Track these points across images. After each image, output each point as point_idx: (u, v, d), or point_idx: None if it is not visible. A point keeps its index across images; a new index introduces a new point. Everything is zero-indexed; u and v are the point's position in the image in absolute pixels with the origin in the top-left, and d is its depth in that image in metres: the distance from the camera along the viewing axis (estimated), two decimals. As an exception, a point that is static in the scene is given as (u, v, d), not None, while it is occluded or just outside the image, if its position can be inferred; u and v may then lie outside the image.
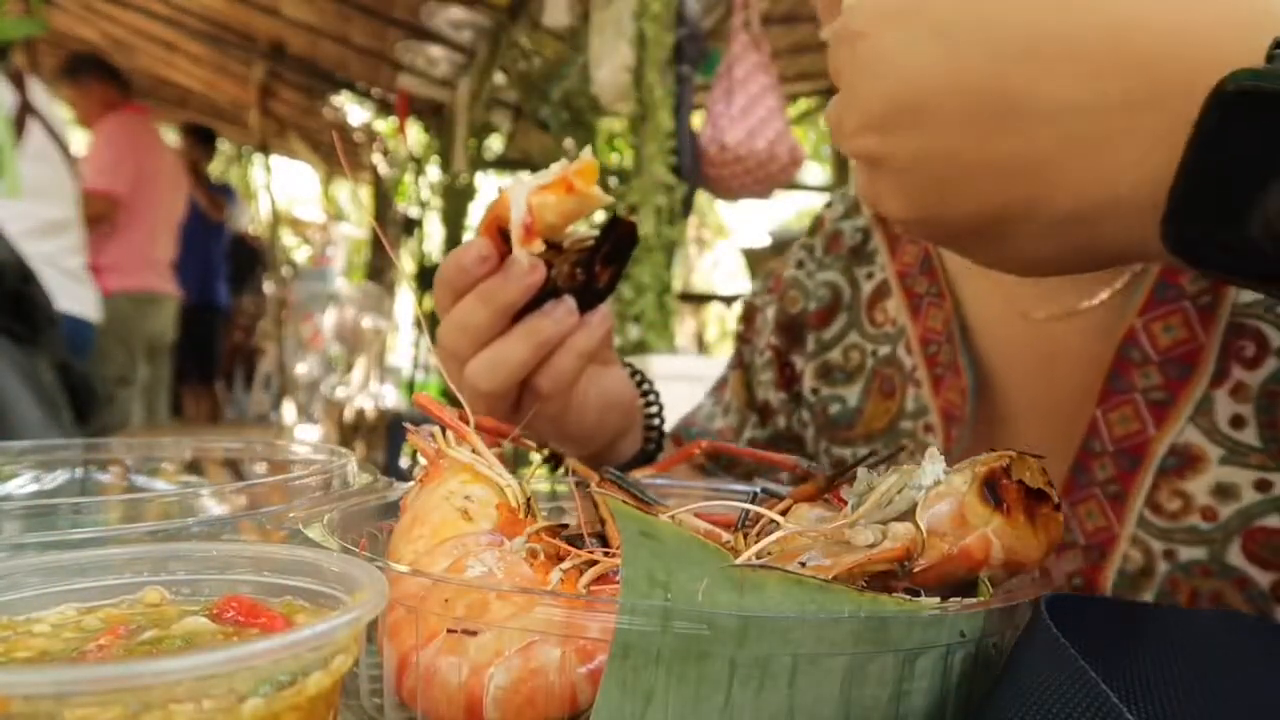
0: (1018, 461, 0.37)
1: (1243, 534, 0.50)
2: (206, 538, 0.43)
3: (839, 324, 0.71)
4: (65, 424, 1.73)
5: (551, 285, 0.53)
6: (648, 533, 0.33)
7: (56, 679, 0.24)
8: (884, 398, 0.67)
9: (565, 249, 0.53)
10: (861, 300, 0.70)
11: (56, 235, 2.38)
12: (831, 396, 0.70)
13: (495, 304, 0.53)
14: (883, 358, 0.68)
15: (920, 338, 0.66)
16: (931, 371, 0.64)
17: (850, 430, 0.69)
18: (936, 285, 0.66)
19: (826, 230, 0.75)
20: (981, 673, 0.36)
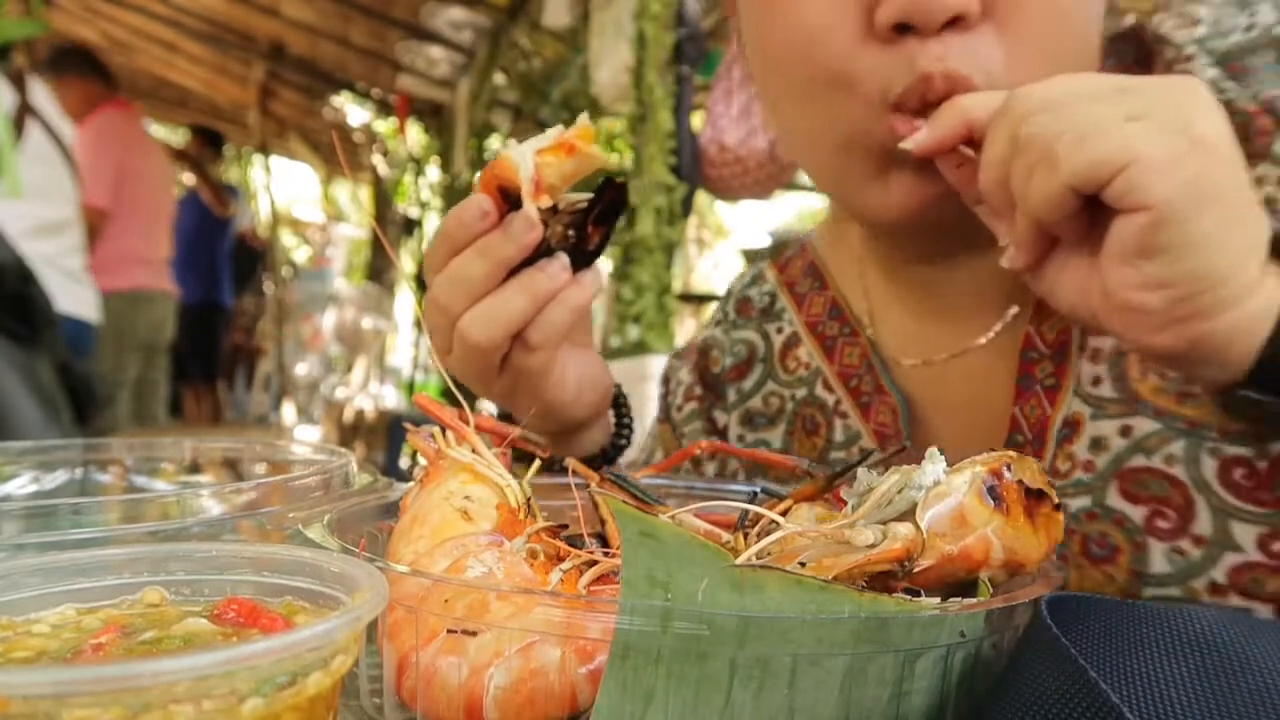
0: (1018, 461, 0.37)
1: (1116, 476, 0.57)
2: (206, 538, 0.43)
3: (756, 375, 0.77)
4: (65, 424, 1.73)
5: (545, 245, 0.55)
6: (648, 533, 0.33)
7: (56, 679, 0.24)
8: (808, 435, 0.72)
9: (560, 210, 0.55)
10: (774, 352, 0.76)
11: (56, 236, 2.38)
12: (756, 441, 0.76)
13: (493, 258, 0.55)
14: (801, 399, 0.73)
15: (839, 374, 0.71)
16: (857, 401, 0.70)
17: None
18: (848, 326, 0.72)
19: (736, 297, 0.82)
20: (981, 673, 0.36)
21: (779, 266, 0.80)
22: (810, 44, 0.55)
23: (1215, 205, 0.42)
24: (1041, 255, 0.48)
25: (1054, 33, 0.53)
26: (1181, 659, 0.33)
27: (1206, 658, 0.33)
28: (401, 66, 5.03)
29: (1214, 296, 0.43)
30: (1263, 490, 0.52)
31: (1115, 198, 0.42)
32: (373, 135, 6.45)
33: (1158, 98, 0.44)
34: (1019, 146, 0.45)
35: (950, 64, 0.51)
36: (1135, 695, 0.32)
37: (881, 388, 0.68)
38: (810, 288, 0.76)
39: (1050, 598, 0.36)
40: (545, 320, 0.56)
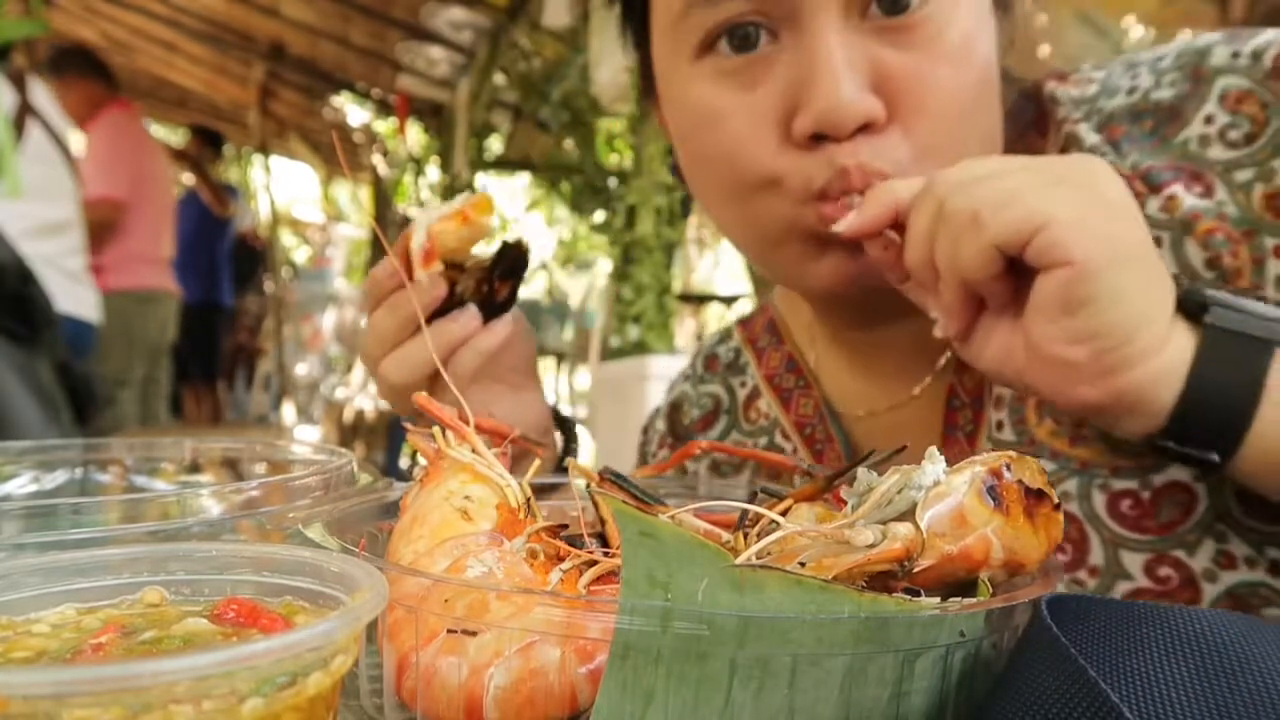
0: (1017, 461, 0.37)
1: None
2: (206, 538, 0.43)
3: (721, 425, 0.82)
4: (65, 424, 1.73)
5: (459, 299, 0.62)
6: (648, 533, 0.33)
7: (56, 679, 0.24)
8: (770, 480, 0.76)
9: (468, 268, 0.62)
10: (738, 404, 0.81)
11: (56, 236, 2.38)
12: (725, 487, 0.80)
13: (400, 313, 0.62)
14: (763, 448, 0.77)
15: (795, 424, 0.76)
16: (811, 448, 0.75)
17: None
18: (803, 379, 0.77)
19: (705, 353, 0.87)
20: (981, 673, 0.36)
21: (743, 325, 0.85)
22: (735, 154, 0.60)
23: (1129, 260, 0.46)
24: (970, 322, 0.52)
25: (956, 128, 0.58)
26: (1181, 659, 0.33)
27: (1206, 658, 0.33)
28: (401, 66, 5.04)
29: (1133, 348, 0.47)
30: (1147, 519, 0.57)
31: (1036, 255, 0.46)
32: (373, 135, 6.45)
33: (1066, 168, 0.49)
34: (944, 218, 0.49)
35: (864, 160, 0.56)
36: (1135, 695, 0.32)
37: (831, 436, 0.74)
38: (769, 343, 0.82)
39: (1050, 598, 0.36)
40: (456, 362, 0.63)
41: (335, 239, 8.20)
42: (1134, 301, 0.46)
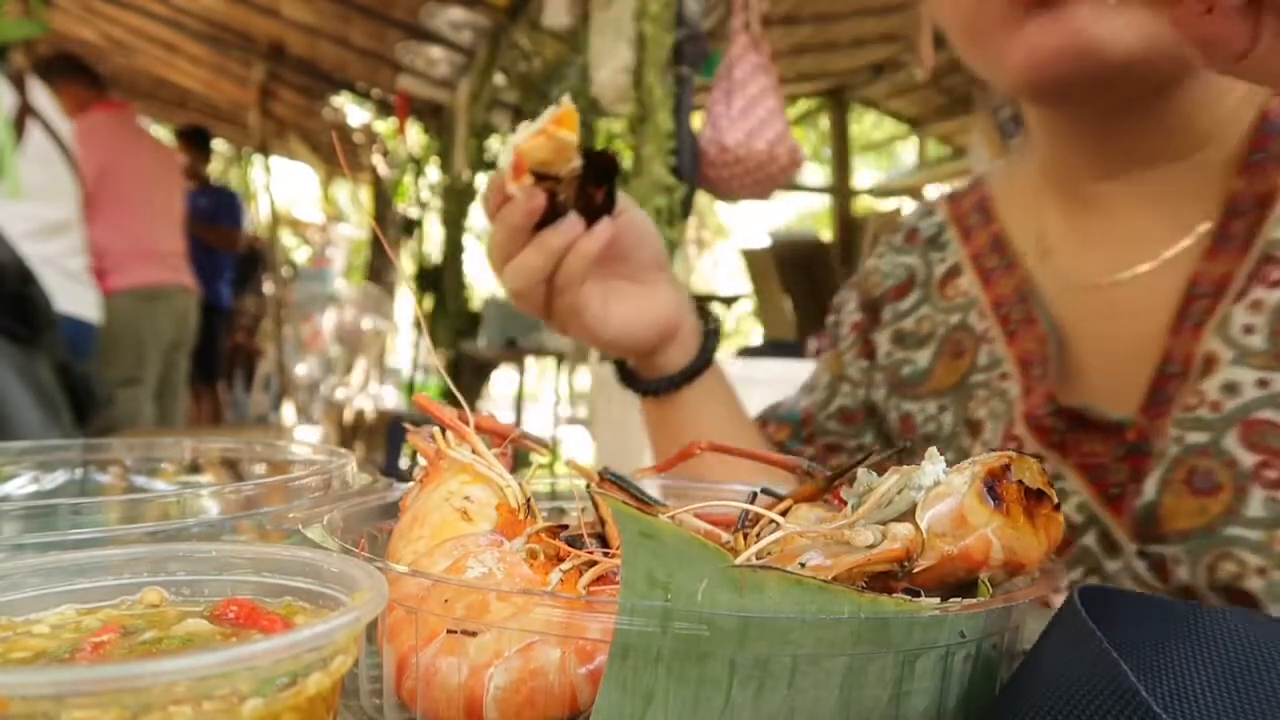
0: (1017, 462, 0.37)
1: (1241, 423, 0.60)
2: (206, 538, 0.43)
3: (913, 298, 0.83)
4: (65, 424, 1.73)
5: (562, 208, 0.66)
6: (647, 533, 0.33)
7: (56, 679, 0.24)
8: (953, 359, 0.78)
9: (564, 178, 0.65)
10: (934, 279, 0.82)
11: (57, 236, 2.38)
12: (904, 359, 0.82)
13: (506, 225, 0.66)
14: (954, 325, 0.78)
15: (992, 303, 0.76)
16: (1005, 329, 0.74)
17: (919, 387, 0.80)
18: (1007, 259, 0.77)
19: (904, 227, 0.87)
20: (981, 673, 0.36)
21: (951, 201, 0.85)
22: None
23: None
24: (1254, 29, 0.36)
25: None
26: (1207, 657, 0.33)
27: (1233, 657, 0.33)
28: (401, 67, 5.03)
29: None
30: None
31: None
32: (373, 135, 6.45)
33: None
34: None
35: None
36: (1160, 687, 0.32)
37: (1031, 317, 0.73)
38: (977, 221, 0.81)
39: (1083, 588, 0.37)
40: (564, 268, 0.67)
41: (335, 239, 8.19)
42: None
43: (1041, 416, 0.69)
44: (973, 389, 0.76)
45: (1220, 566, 0.61)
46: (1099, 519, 0.67)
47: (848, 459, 0.83)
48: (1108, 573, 0.67)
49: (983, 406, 0.75)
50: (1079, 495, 0.68)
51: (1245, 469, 0.59)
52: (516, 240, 0.67)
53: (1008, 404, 0.73)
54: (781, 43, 3.85)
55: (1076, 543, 0.68)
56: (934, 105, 5.16)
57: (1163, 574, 0.63)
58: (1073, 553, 0.68)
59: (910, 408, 0.80)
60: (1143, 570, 0.65)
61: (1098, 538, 0.67)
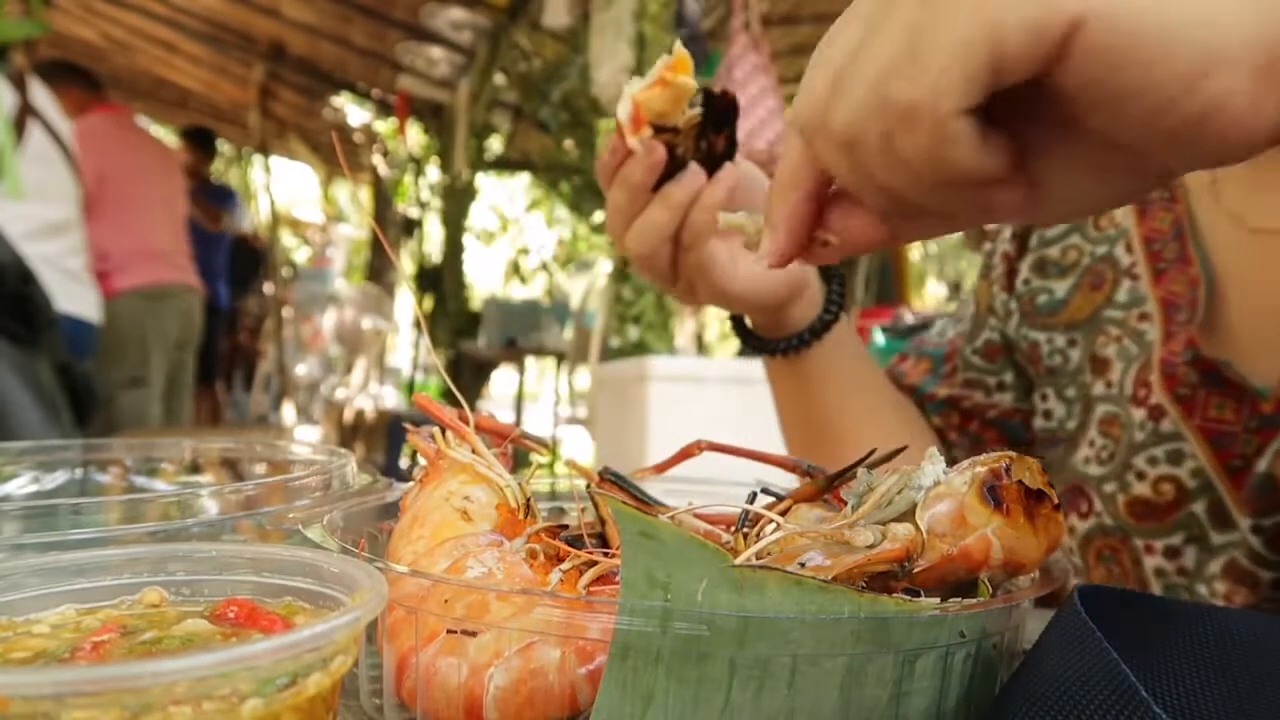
0: (1017, 462, 0.37)
1: None
2: (206, 538, 0.43)
3: (1064, 225, 0.79)
4: (65, 424, 1.73)
5: (681, 161, 0.63)
6: (647, 533, 0.33)
7: (56, 679, 0.24)
8: (1091, 290, 0.75)
9: (682, 129, 0.62)
10: None
11: (57, 236, 2.38)
12: (1041, 288, 0.79)
13: (628, 184, 0.63)
14: (1100, 256, 0.75)
15: (1144, 237, 0.72)
16: (1153, 266, 0.71)
17: (1052, 317, 0.77)
18: (1168, 192, 0.72)
19: None
20: (981, 673, 0.36)
21: None
22: None
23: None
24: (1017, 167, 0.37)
25: None
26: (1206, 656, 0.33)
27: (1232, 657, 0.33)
28: (401, 67, 5.04)
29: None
30: None
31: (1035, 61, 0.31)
32: (373, 135, 6.45)
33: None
34: (845, 140, 0.36)
35: None
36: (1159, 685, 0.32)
37: (1186, 256, 0.69)
38: None
39: (1083, 586, 0.36)
40: (690, 223, 0.64)
41: (335, 239, 8.20)
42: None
43: (1177, 365, 0.66)
44: (1104, 324, 0.73)
45: None
46: (1214, 488, 0.64)
47: (984, 398, 0.81)
48: (1213, 544, 0.65)
49: (1113, 344, 0.72)
50: (1195, 461, 0.65)
51: None
52: (639, 200, 0.64)
53: (1143, 346, 0.69)
54: (781, 43, 3.85)
55: (1185, 508, 0.65)
56: (934, 105, 5.14)
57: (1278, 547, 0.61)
58: (1178, 518, 0.66)
59: (1038, 336, 0.77)
60: (1258, 545, 0.62)
61: (1208, 507, 0.65)
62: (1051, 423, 0.76)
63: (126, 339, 3.05)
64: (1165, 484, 0.66)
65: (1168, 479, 0.66)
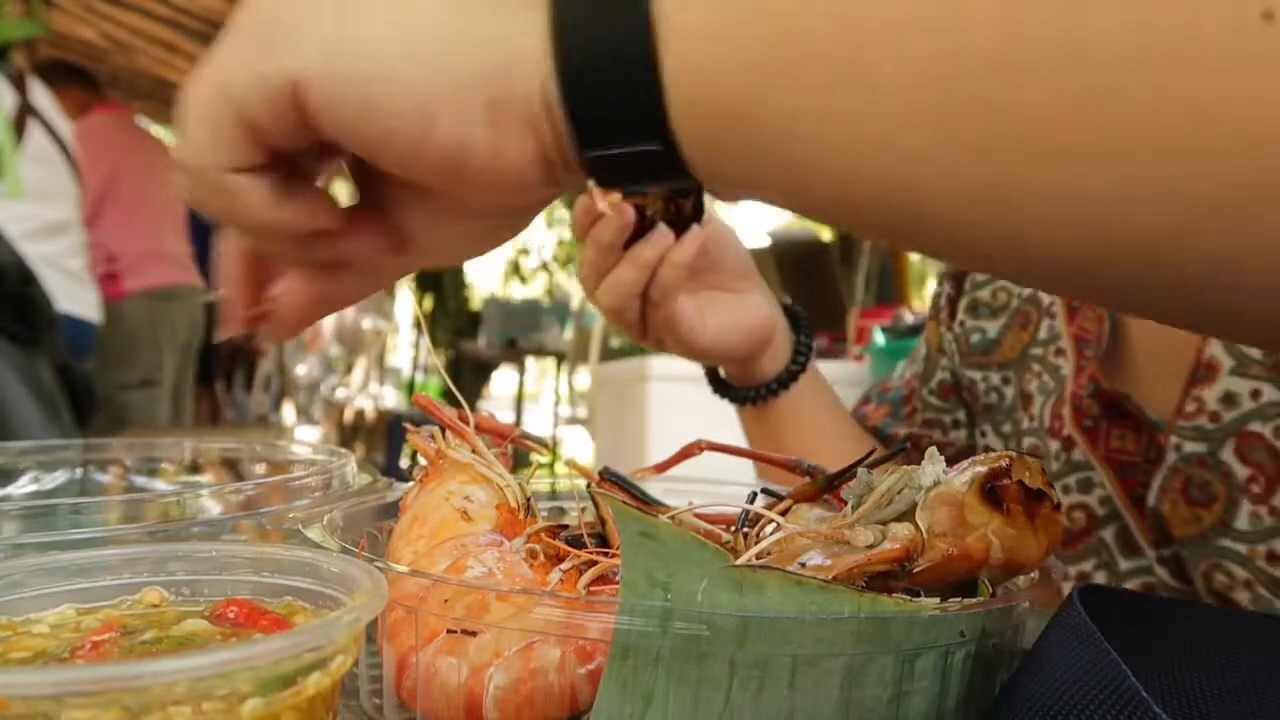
0: (1017, 462, 0.37)
1: (1236, 435, 0.61)
2: (206, 538, 0.43)
3: None
4: (65, 424, 1.73)
5: (651, 221, 0.66)
6: (648, 533, 0.33)
7: (56, 679, 0.24)
8: (1020, 329, 0.80)
9: (650, 192, 0.65)
10: None
11: (57, 236, 2.38)
12: (974, 328, 0.83)
13: (598, 243, 0.67)
14: (1026, 297, 0.80)
15: None
16: (1067, 304, 0.76)
17: (986, 356, 0.82)
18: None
19: None
20: (981, 673, 0.36)
21: None
22: None
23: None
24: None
25: None
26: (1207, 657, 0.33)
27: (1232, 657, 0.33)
28: (401, 67, 5.03)
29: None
30: None
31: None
32: (373, 136, 6.44)
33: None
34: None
35: None
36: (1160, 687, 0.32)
37: None
38: None
39: (1082, 586, 0.37)
40: (659, 280, 0.67)
41: (335, 239, 8.18)
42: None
43: (1083, 398, 0.70)
44: (1030, 361, 0.77)
45: (1214, 576, 0.61)
46: (1120, 515, 0.67)
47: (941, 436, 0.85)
48: (1120, 571, 0.67)
49: (1035, 380, 0.76)
50: (1103, 489, 0.68)
51: (1238, 481, 0.60)
52: (609, 257, 0.68)
53: (1059, 381, 0.74)
54: (782, 43, 3.84)
55: (1095, 534, 0.68)
56: (934, 105, 5.16)
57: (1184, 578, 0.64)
58: (1088, 544, 0.68)
59: (974, 375, 0.82)
60: (1164, 574, 0.65)
61: (1116, 534, 0.68)
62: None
63: (138, 340, 3.06)
64: (1077, 511, 0.70)
65: (1079, 506, 0.70)
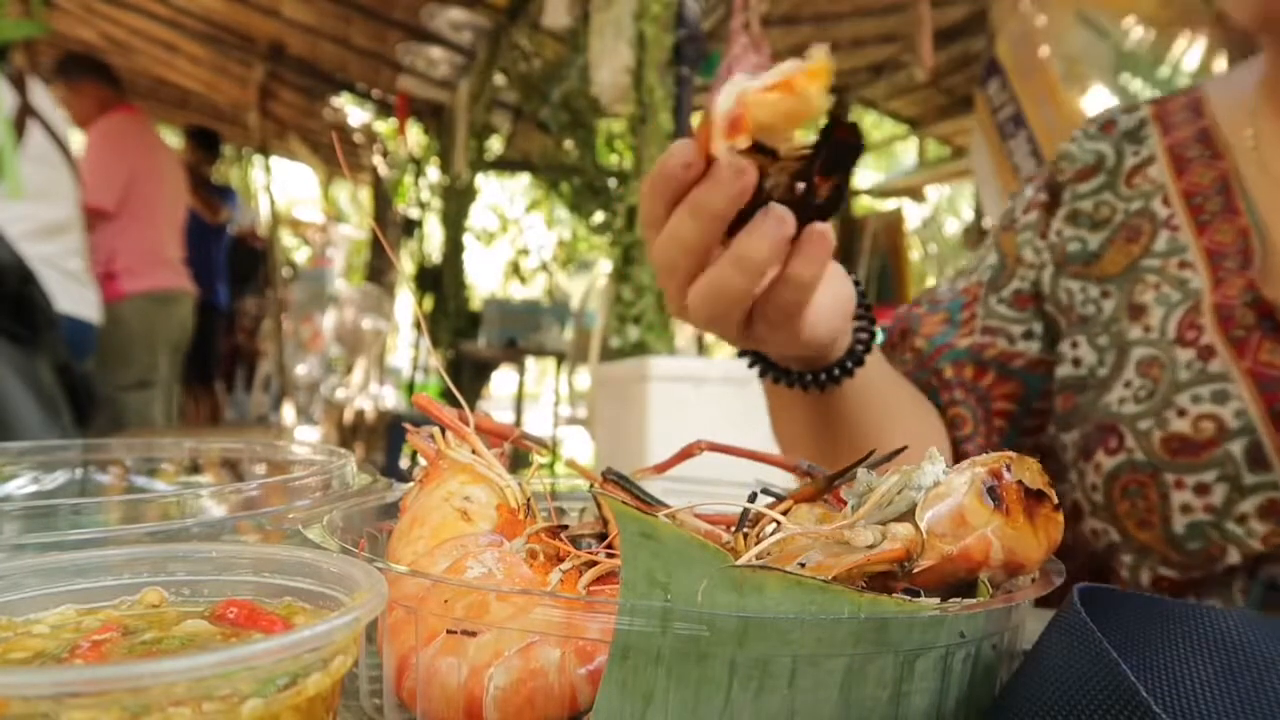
0: (1017, 462, 0.37)
1: None
2: (206, 539, 0.43)
3: (1096, 182, 0.82)
4: (65, 424, 1.73)
5: (765, 198, 0.48)
6: (648, 533, 0.33)
7: (56, 680, 0.24)
8: (1127, 243, 0.78)
9: (783, 156, 0.47)
10: (1123, 169, 0.82)
11: (57, 237, 2.38)
12: (1074, 238, 0.81)
13: (702, 213, 0.49)
14: (1133, 211, 0.78)
15: (1183, 192, 0.76)
16: (1195, 219, 0.74)
17: (1085, 268, 0.80)
18: (1211, 150, 0.77)
19: (1102, 119, 0.87)
20: (981, 673, 0.36)
21: (1156, 103, 0.85)
22: None
23: None
24: None
25: None
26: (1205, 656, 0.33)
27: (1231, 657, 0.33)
28: (401, 67, 5.04)
29: None
30: None
31: None
32: (373, 136, 6.46)
33: None
34: None
35: None
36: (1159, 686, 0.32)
37: (1234, 208, 0.73)
38: (1185, 117, 0.81)
39: (1082, 587, 0.36)
40: (778, 302, 0.52)
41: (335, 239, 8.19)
42: None
43: (1234, 307, 0.69)
44: (1143, 273, 0.76)
45: None
46: (1254, 430, 0.66)
47: (1007, 345, 0.81)
48: (1244, 484, 0.66)
49: (1150, 291, 0.75)
50: (1239, 402, 0.67)
51: None
52: (710, 237, 0.50)
53: (1186, 294, 0.72)
54: (781, 43, 3.85)
55: (1222, 447, 0.67)
56: (934, 105, 5.16)
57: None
58: (1213, 456, 0.67)
59: (1071, 285, 0.80)
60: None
61: (1246, 449, 0.66)
62: (1081, 370, 0.77)
63: (134, 341, 3.08)
64: (1206, 422, 0.68)
65: (1209, 417, 0.68)
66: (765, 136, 0.46)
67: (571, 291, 7.63)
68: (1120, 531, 0.72)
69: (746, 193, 0.47)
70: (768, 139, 0.46)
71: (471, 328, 5.54)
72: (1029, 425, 0.82)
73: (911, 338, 0.86)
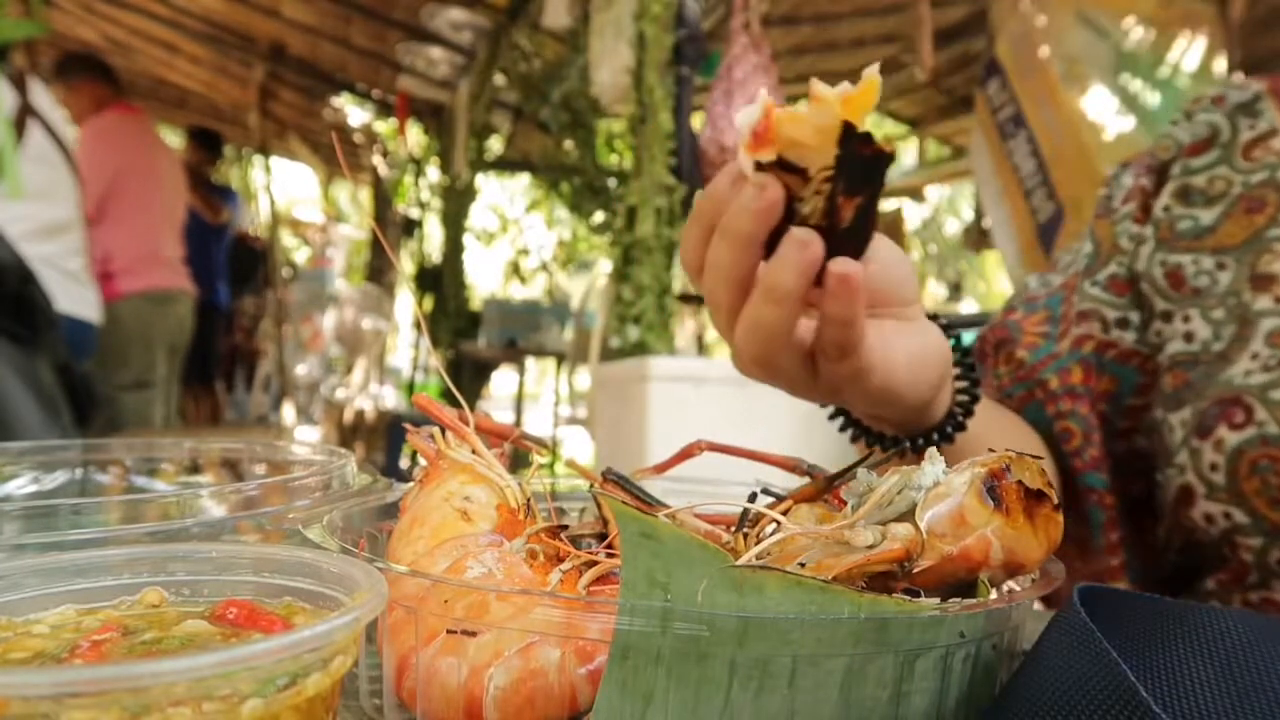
0: (1017, 462, 0.37)
1: None
2: (206, 538, 0.43)
3: (1211, 155, 0.80)
4: (65, 424, 1.73)
5: (795, 218, 0.44)
6: (648, 533, 0.33)
7: (55, 680, 0.24)
8: (1247, 214, 0.76)
9: (813, 176, 0.43)
10: (1239, 142, 0.80)
11: (57, 237, 2.38)
12: (1184, 214, 0.79)
13: (730, 235, 0.46)
14: (1255, 183, 0.77)
15: None
16: None
17: (1198, 241, 0.78)
18: None
19: (1212, 93, 0.85)
20: (981, 673, 0.36)
21: (1272, 77, 0.84)
22: None
23: None
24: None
25: None
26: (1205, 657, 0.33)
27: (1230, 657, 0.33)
28: (402, 67, 5.04)
29: None
30: None
31: None
32: (373, 136, 6.46)
33: None
34: None
35: None
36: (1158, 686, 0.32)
37: None
38: None
39: (1082, 587, 0.36)
40: (823, 340, 0.48)
41: (335, 240, 8.20)
42: None
43: None
44: (1270, 243, 0.74)
45: None
46: None
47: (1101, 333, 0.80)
48: None
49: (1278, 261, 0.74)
50: None
51: None
52: (744, 261, 0.46)
53: None
54: (781, 43, 3.85)
55: None
56: (934, 106, 5.16)
57: None
58: None
59: (1182, 259, 0.78)
60: None
61: None
62: (1194, 344, 0.76)
63: (131, 341, 3.08)
64: None
65: None
66: (795, 155, 0.42)
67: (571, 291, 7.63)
68: (1248, 512, 0.68)
69: (773, 210, 0.43)
70: (798, 158, 0.42)
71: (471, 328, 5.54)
72: (1122, 427, 0.80)
73: (1010, 347, 0.83)
